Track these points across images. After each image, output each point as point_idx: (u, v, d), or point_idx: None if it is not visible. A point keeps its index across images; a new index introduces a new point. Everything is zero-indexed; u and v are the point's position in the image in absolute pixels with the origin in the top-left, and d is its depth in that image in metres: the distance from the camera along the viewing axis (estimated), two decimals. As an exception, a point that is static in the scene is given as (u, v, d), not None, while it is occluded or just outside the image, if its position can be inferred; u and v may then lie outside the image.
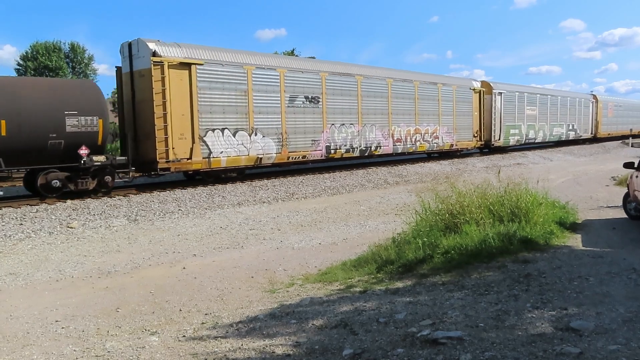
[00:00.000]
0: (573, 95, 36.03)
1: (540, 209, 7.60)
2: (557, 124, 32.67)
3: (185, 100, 13.39)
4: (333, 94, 17.68)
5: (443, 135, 22.88)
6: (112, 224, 10.28)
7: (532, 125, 29.73)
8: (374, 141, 19.42)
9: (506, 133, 26.98)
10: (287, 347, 4.02)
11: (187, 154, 13.50)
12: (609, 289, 4.77)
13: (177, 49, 13.41)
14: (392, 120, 20.13)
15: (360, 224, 10.26)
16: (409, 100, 21.10)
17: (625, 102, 46.86)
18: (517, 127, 28.14)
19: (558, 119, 32.77)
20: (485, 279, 5.47)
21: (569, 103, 34.31)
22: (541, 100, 30.83)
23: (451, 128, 23.40)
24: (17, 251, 8.28)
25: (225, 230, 9.89)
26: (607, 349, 3.34)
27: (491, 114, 25.73)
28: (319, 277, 6.71)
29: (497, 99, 26.18)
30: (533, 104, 29.86)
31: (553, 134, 32.32)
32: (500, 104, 26.32)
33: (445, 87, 23.11)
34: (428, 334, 3.81)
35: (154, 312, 5.54)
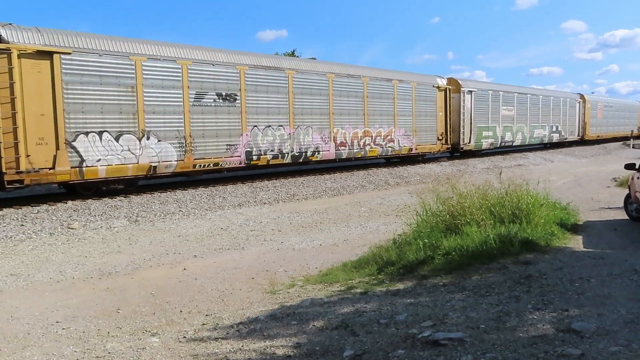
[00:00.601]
0: (557, 95, 33.27)
1: (541, 210, 7.60)
2: (538, 126, 30.29)
3: (46, 97, 10.98)
4: (256, 90, 15.14)
5: (400, 138, 20.26)
6: (112, 224, 10.29)
7: (509, 127, 27.39)
8: (310, 145, 16.75)
9: (478, 135, 24.53)
10: (288, 348, 4.02)
11: (50, 163, 11.01)
12: (610, 291, 4.76)
13: (35, 34, 10.97)
14: (334, 121, 17.58)
15: (361, 225, 10.26)
16: (357, 99, 18.55)
17: (617, 103, 44.19)
18: (491, 129, 25.69)
19: (540, 120, 30.37)
20: (486, 280, 5.46)
21: (552, 103, 31.80)
22: (519, 99, 28.40)
23: (410, 130, 20.79)
24: (18, 252, 8.28)
25: (226, 231, 9.89)
26: (609, 351, 3.33)
27: (460, 114, 23.20)
28: (319, 278, 6.70)
29: (467, 98, 23.54)
30: (510, 103, 27.42)
31: (534, 136, 29.94)
32: (470, 104, 23.73)
33: (402, 85, 20.44)
34: (429, 335, 3.81)
35: (155, 313, 5.54)
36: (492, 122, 25.86)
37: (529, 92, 29.77)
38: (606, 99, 42.61)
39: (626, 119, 45.26)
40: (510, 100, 27.42)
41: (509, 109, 27.25)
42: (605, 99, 42.25)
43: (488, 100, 25.38)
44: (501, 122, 26.55)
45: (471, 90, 23.86)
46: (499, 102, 26.29)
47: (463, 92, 23.32)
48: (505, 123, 27.01)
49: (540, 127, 30.54)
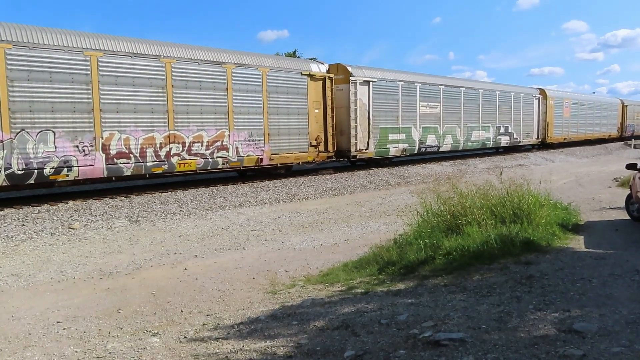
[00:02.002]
0: (505, 89, 27.51)
1: (543, 211, 7.59)
2: (478, 127, 24.68)
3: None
4: None
5: (239, 144, 14.66)
6: (113, 225, 10.29)
7: (433, 128, 21.74)
8: (51, 159, 11.03)
9: (382, 139, 19.13)
10: (289, 349, 4.01)
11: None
12: (612, 291, 4.75)
13: None
14: (102, 121, 11.81)
15: (361, 225, 10.25)
16: (154, 90, 12.76)
17: (590, 100, 38.00)
18: (404, 131, 20.13)
19: (480, 119, 24.76)
20: (487, 281, 5.45)
21: (499, 99, 26.17)
22: (448, 93, 22.64)
23: (259, 133, 15.22)
24: (19, 252, 8.28)
25: (227, 231, 9.89)
26: (610, 351, 3.33)
27: (350, 111, 17.67)
28: (320, 278, 6.70)
29: (361, 91, 18.11)
30: (433, 98, 21.71)
31: (471, 139, 24.29)
32: (367, 98, 18.33)
33: (241, 70, 14.61)
34: (430, 336, 3.80)
35: (155, 313, 5.54)
36: (405, 121, 20.21)
37: (463, 85, 23.91)
38: (575, 95, 36.51)
39: (603, 119, 39.36)
40: (433, 94, 21.68)
41: (431, 105, 21.48)
42: (574, 95, 36.21)
43: (397, 93, 19.73)
44: (419, 121, 20.88)
45: (368, 80, 18.34)
46: (416, 96, 20.60)
47: (354, 83, 17.78)
48: (427, 123, 21.32)
49: (481, 128, 24.98)
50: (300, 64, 17.10)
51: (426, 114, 21.32)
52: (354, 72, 18.01)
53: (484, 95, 25.16)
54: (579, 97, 36.34)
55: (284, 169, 16.86)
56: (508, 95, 27.27)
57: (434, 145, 21.89)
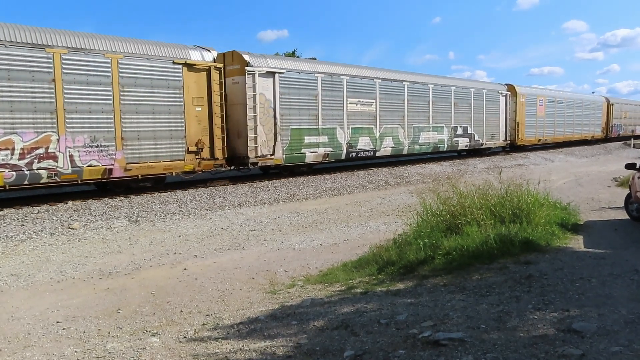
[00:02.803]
0: (463, 84, 24.10)
1: (542, 210, 7.60)
2: (428, 127, 21.50)
3: None
4: None
5: (75, 151, 11.47)
6: (113, 225, 10.29)
7: (366, 129, 18.54)
8: None
9: (294, 143, 16.06)
10: (288, 349, 4.02)
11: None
12: (611, 291, 4.76)
13: None
14: None
15: (361, 225, 10.26)
16: None
17: (569, 97, 34.23)
18: (327, 133, 17.07)
19: (431, 118, 21.60)
20: (487, 280, 5.46)
21: (454, 96, 22.83)
22: (387, 88, 19.30)
23: (107, 137, 11.98)
24: (19, 252, 8.28)
25: (226, 231, 9.89)
26: (609, 351, 3.33)
27: (247, 109, 14.68)
28: (320, 278, 6.70)
29: (264, 84, 15.03)
30: (367, 94, 18.48)
31: (420, 142, 21.05)
32: (272, 93, 15.35)
33: (78, 57, 11.46)
34: (429, 336, 3.81)
35: (155, 313, 5.54)
36: (328, 121, 17.12)
37: (406, 79, 20.42)
38: (552, 92, 32.70)
39: (585, 118, 36.00)
40: (367, 89, 18.55)
41: (364, 102, 18.41)
42: (551, 92, 32.45)
43: (316, 88, 16.64)
44: (348, 121, 17.81)
45: (273, 71, 15.29)
46: (342, 91, 17.54)
47: (252, 75, 14.75)
48: (358, 123, 18.27)
49: (432, 128, 21.77)
50: (172, 50, 13.26)
51: (357, 112, 18.23)
52: (252, 62, 15.00)
53: (435, 91, 21.90)
54: (556, 94, 32.79)
55: (151, 181, 13.41)
56: (466, 91, 23.93)
57: (368, 149, 18.73)
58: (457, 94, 23.17)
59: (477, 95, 24.53)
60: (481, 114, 24.91)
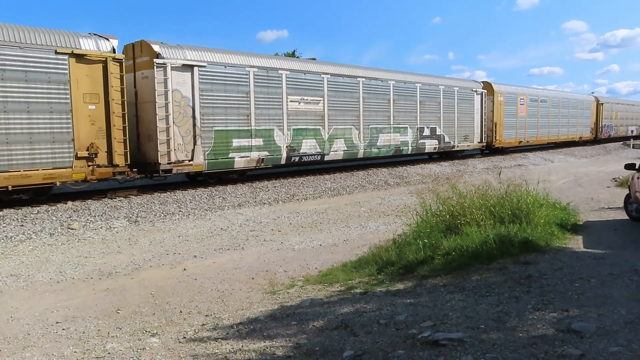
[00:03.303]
0: (431, 81, 21.88)
1: (541, 211, 7.60)
2: (388, 128, 19.39)
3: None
4: None
5: None
6: (112, 225, 10.29)
7: (312, 130, 16.54)
8: None
9: (219, 146, 14.00)
10: (288, 349, 4.02)
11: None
12: (610, 291, 4.76)
13: None
14: None
15: (360, 225, 10.26)
16: None
17: (554, 96, 31.83)
18: (261, 135, 15.01)
19: (392, 119, 19.54)
20: (486, 281, 5.46)
21: (420, 94, 20.86)
22: (338, 85, 17.28)
23: None
24: (18, 252, 8.28)
25: (226, 232, 9.89)
26: (609, 351, 3.33)
27: (157, 108, 12.63)
28: (319, 279, 6.71)
29: (180, 79, 13.08)
30: (312, 91, 16.41)
31: (378, 144, 18.99)
32: (191, 89, 13.33)
33: None
34: (429, 336, 3.81)
35: (155, 314, 5.54)
36: (262, 122, 15.07)
37: (362, 75, 18.39)
38: (535, 91, 30.51)
39: (573, 119, 33.74)
40: (312, 86, 16.46)
41: (309, 100, 16.33)
42: (533, 91, 30.27)
43: (247, 83, 14.57)
44: (288, 122, 15.77)
45: (191, 64, 13.32)
46: (281, 87, 15.46)
47: (163, 68, 12.77)
48: (302, 124, 16.23)
49: (394, 130, 19.73)
50: (55, 38, 11.15)
51: (300, 111, 16.19)
52: (164, 53, 12.90)
53: (397, 88, 19.80)
54: (539, 92, 30.63)
55: (29, 193, 11.26)
56: (435, 89, 21.88)
57: (314, 153, 16.74)
58: (423, 91, 21.17)
59: (447, 93, 22.59)
60: (452, 113, 22.92)
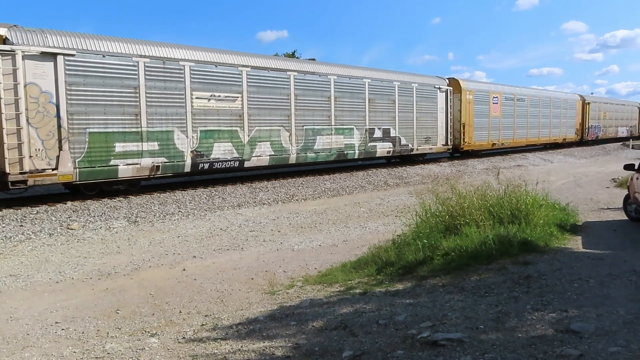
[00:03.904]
0: (383, 77, 19.46)
1: (541, 211, 7.61)
2: (328, 129, 17.06)
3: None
4: None
5: None
6: (112, 225, 10.29)
7: (226, 132, 14.18)
8: None
9: (96, 151, 11.66)
10: (287, 349, 4.02)
11: None
12: (609, 291, 4.77)
13: None
14: None
15: (360, 226, 10.26)
16: None
17: (533, 95, 29.64)
18: (155, 137, 12.69)
19: (333, 118, 17.17)
20: (485, 281, 5.47)
21: (369, 90, 18.50)
22: (261, 80, 14.92)
23: None
24: (18, 252, 8.28)
25: (225, 232, 9.89)
26: (608, 351, 3.34)
27: (3, 105, 10.30)
28: (319, 279, 6.71)
29: (38, 70, 10.72)
30: (227, 86, 14.08)
31: (316, 148, 16.65)
32: (54, 83, 10.95)
33: None
34: (428, 336, 3.81)
35: (154, 314, 5.54)
36: (157, 122, 12.74)
37: (292, 69, 16.00)
38: (511, 89, 28.08)
39: (555, 119, 31.56)
40: (227, 80, 14.14)
41: (223, 96, 14.00)
42: (509, 89, 27.78)
43: (136, 77, 12.29)
44: (193, 122, 13.36)
45: (53, 52, 10.87)
46: (184, 82, 13.11)
47: (11, 57, 10.33)
48: (212, 124, 13.86)
49: (335, 131, 17.36)
50: None
51: (211, 110, 13.78)
52: (15, 37, 10.50)
53: (339, 84, 17.37)
54: (516, 90, 28.39)
55: None
56: (388, 85, 19.44)
57: (230, 159, 14.34)
58: (374, 88, 18.82)
59: (403, 90, 20.15)
60: (410, 112, 20.52)
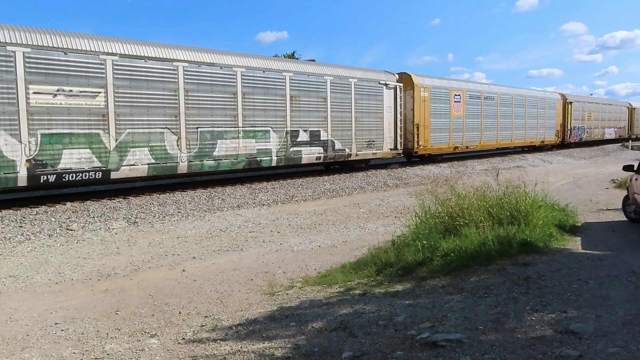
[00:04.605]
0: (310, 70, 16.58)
1: (540, 212, 7.62)
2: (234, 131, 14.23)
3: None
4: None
5: None
6: (111, 226, 10.29)
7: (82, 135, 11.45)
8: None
9: None
10: (287, 350, 4.02)
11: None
12: (608, 292, 4.78)
13: None
14: None
15: (360, 227, 10.27)
16: None
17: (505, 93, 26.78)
18: None
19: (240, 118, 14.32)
20: (485, 282, 5.47)
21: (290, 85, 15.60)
22: (133, 72, 12.26)
23: None
24: (17, 253, 8.27)
25: (225, 233, 9.89)
26: (607, 352, 3.35)
27: None
28: (318, 280, 6.71)
29: None
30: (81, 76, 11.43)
31: (216, 154, 13.85)
32: None
33: None
34: (427, 337, 3.82)
35: (154, 315, 5.54)
36: None
37: (181, 59, 12.99)
38: (478, 86, 25.26)
39: (532, 120, 28.87)
40: (85, 70, 11.50)
41: (76, 91, 11.35)
42: (473, 86, 24.77)
43: None
44: (28, 123, 10.73)
45: None
46: (14, 72, 10.47)
47: None
48: (59, 127, 11.19)
49: (244, 134, 14.49)
50: None
51: (58, 108, 11.11)
52: None
53: (249, 78, 14.49)
54: (483, 88, 25.36)
55: None
56: (317, 80, 16.54)
57: (89, 169, 11.62)
58: (297, 83, 15.84)
59: (338, 85, 17.22)
60: (347, 112, 17.61)
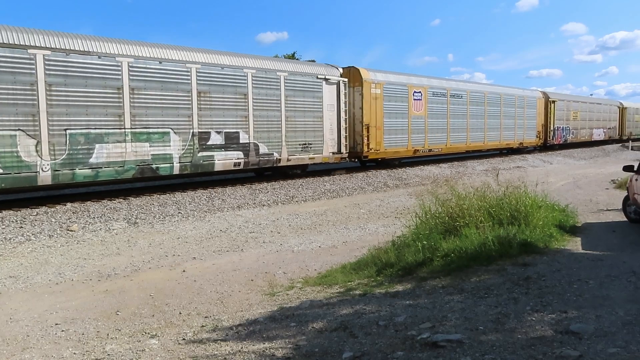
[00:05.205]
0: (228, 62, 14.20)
1: (540, 212, 7.62)
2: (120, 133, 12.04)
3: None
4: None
5: None
6: (112, 227, 10.29)
7: None
8: None
9: None
10: (287, 350, 4.03)
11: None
12: (608, 292, 4.78)
13: None
14: None
15: (360, 227, 10.27)
16: None
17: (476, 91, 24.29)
18: None
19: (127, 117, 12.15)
20: (485, 282, 5.47)
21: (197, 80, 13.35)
22: None
23: None
24: (17, 254, 8.28)
25: (225, 233, 9.90)
26: (607, 352, 3.35)
27: None
28: (318, 280, 6.71)
29: None
30: None
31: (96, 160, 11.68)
32: None
33: None
34: (428, 337, 3.82)
35: (154, 315, 5.54)
36: None
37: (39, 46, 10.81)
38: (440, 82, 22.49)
39: (509, 120, 26.57)
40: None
41: None
42: (436, 82, 22.13)
43: None
44: None
45: None
46: None
47: None
48: None
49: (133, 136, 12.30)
50: None
51: None
52: None
53: (139, 70, 12.37)
54: (450, 85, 22.79)
55: None
56: (236, 74, 14.32)
57: None
58: (206, 76, 13.65)
59: (263, 79, 15.02)
60: (276, 111, 15.41)
